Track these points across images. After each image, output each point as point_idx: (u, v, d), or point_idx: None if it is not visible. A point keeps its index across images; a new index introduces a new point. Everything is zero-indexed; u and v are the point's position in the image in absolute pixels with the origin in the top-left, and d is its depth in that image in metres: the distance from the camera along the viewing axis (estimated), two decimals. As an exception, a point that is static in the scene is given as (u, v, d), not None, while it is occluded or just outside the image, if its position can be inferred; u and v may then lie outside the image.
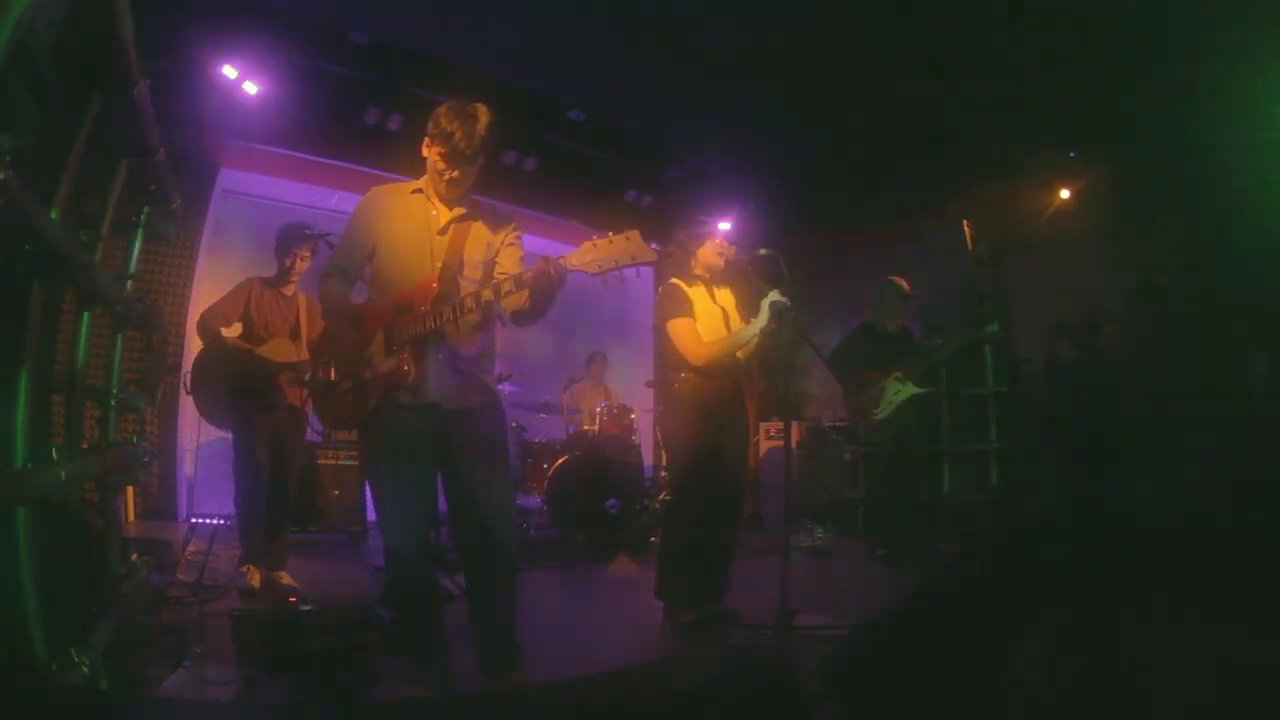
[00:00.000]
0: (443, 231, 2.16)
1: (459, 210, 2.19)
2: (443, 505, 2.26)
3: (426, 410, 2.08)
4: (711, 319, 3.11)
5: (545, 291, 1.94)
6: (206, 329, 3.48)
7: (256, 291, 3.55)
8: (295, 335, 3.55)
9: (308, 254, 3.54)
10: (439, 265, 2.10)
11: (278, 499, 3.47)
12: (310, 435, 3.73)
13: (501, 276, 2.08)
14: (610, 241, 1.83)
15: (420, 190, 2.21)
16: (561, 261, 1.89)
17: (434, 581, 2.25)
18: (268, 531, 3.43)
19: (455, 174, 2.11)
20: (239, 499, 3.48)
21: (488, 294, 1.97)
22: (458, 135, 2.03)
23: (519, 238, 2.27)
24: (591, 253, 1.85)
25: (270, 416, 3.44)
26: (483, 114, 2.07)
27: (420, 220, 2.17)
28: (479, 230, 2.19)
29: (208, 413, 3.55)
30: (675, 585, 3.08)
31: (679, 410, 3.12)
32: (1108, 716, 1.86)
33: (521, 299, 2.00)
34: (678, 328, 3.03)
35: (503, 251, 2.21)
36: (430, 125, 2.11)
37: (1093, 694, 1.95)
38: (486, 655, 2.15)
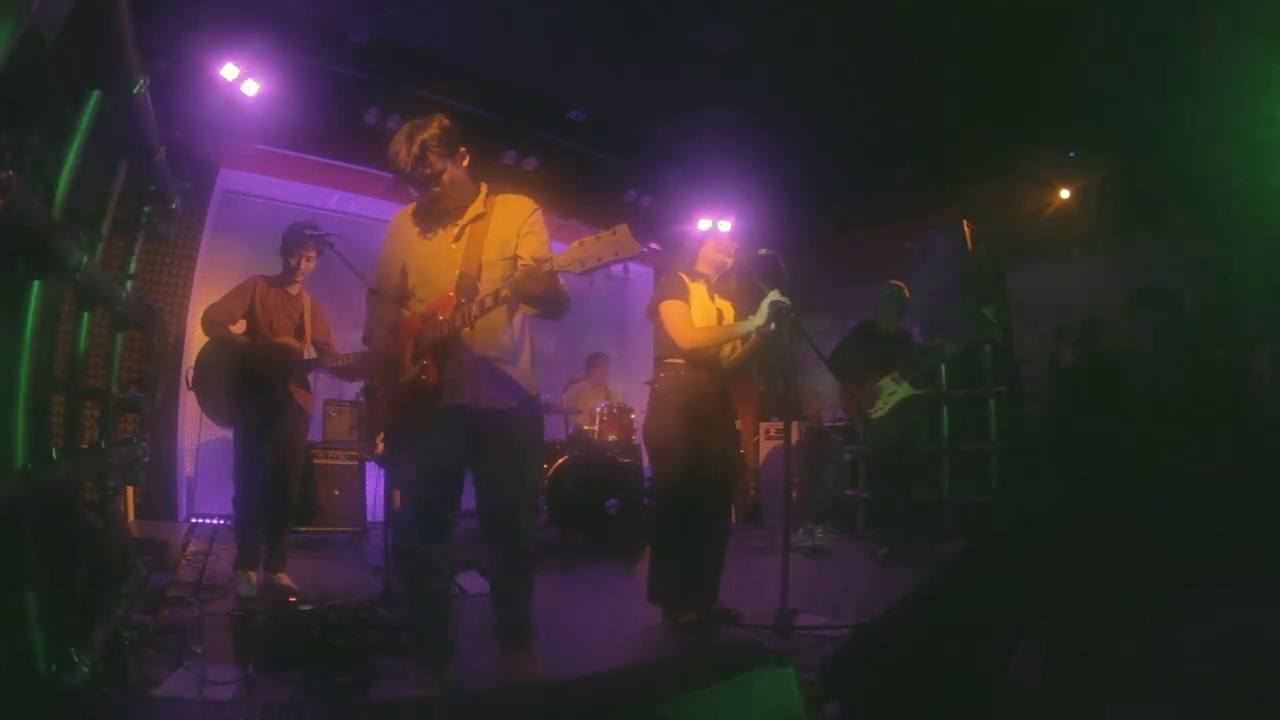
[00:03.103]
0: (458, 237, 2.20)
1: (473, 212, 2.22)
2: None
3: (454, 413, 2.13)
4: (706, 316, 3.09)
5: (531, 296, 1.95)
6: (213, 325, 3.44)
7: (261, 290, 3.52)
8: (300, 335, 3.54)
9: (314, 254, 3.51)
10: (457, 273, 2.15)
11: (279, 500, 3.44)
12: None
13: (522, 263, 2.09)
14: (597, 239, 1.79)
15: (421, 205, 2.26)
16: (549, 264, 1.88)
17: (447, 583, 2.27)
18: (268, 533, 3.41)
19: (421, 194, 2.17)
20: (238, 500, 3.44)
21: (490, 301, 2.00)
22: (400, 158, 2.08)
23: (538, 222, 2.25)
24: (578, 251, 1.82)
25: (279, 417, 3.42)
26: (419, 131, 2.07)
27: (435, 232, 2.23)
28: (496, 227, 2.21)
29: (211, 410, 3.50)
30: (667, 588, 3.06)
31: (660, 410, 3.07)
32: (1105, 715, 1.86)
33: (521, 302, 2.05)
34: (670, 309, 3.00)
35: (521, 243, 2.21)
36: None
37: (1091, 694, 1.95)
38: (502, 629, 2.26)
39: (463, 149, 2.17)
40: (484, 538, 2.30)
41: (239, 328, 3.50)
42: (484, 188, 2.28)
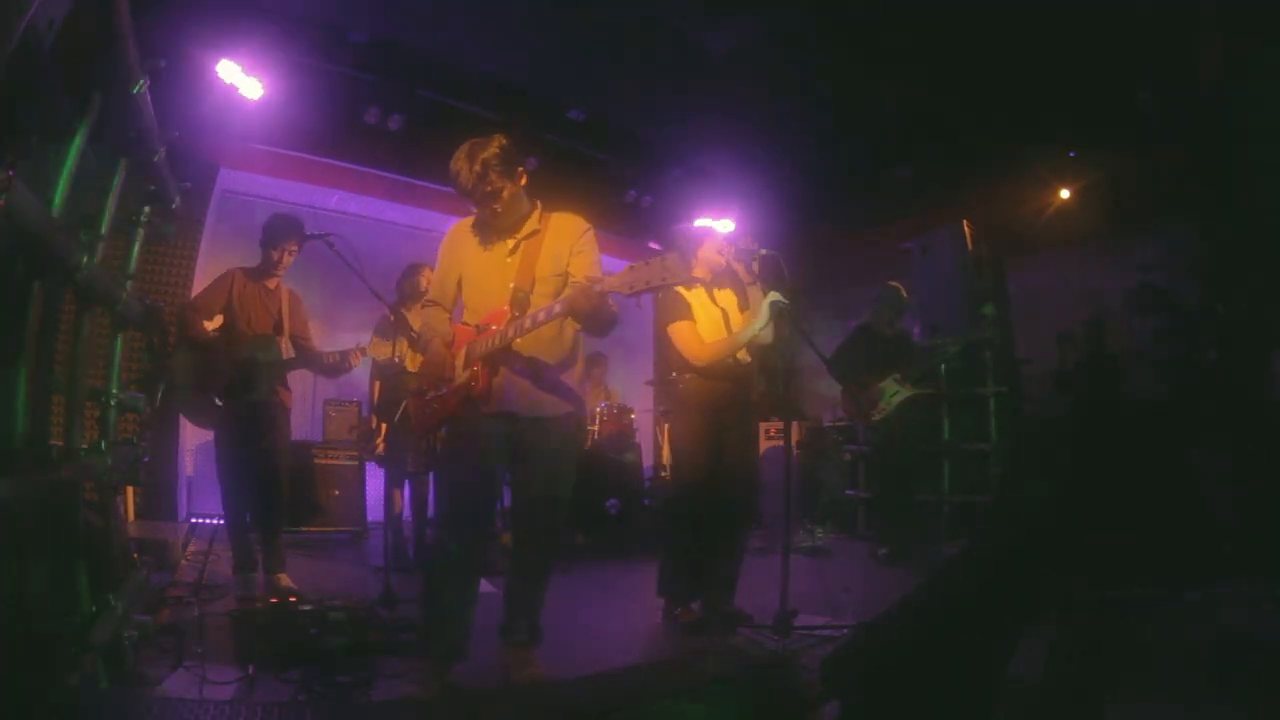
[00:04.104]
0: (513, 252, 2.29)
1: (528, 228, 2.30)
2: None
3: (501, 419, 2.22)
4: (711, 321, 3.11)
5: (581, 314, 2.06)
6: (187, 321, 3.34)
7: (239, 284, 3.44)
8: (279, 330, 3.46)
9: (295, 248, 3.43)
10: (510, 287, 2.23)
11: (272, 501, 3.39)
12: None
13: (574, 282, 2.21)
14: (646, 264, 1.92)
15: (481, 221, 2.35)
16: (600, 285, 1.99)
17: (475, 583, 2.30)
18: (264, 534, 3.37)
19: (479, 210, 2.26)
20: (226, 504, 3.38)
21: (542, 316, 2.10)
22: (462, 176, 2.17)
23: (590, 242, 2.33)
24: (628, 275, 1.94)
25: (261, 417, 3.35)
26: (480, 150, 2.16)
27: (491, 247, 2.31)
28: (550, 244, 2.29)
29: (190, 413, 3.42)
30: (676, 584, 3.08)
31: (682, 410, 3.15)
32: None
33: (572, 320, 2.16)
34: (679, 331, 3.05)
35: (573, 260, 2.28)
36: None
37: (1091, 694, 1.95)
38: (510, 625, 2.31)
39: (520, 168, 2.26)
40: (513, 530, 2.40)
41: (215, 323, 3.41)
42: (538, 205, 2.36)
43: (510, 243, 2.29)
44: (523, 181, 2.29)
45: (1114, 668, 2.19)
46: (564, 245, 2.29)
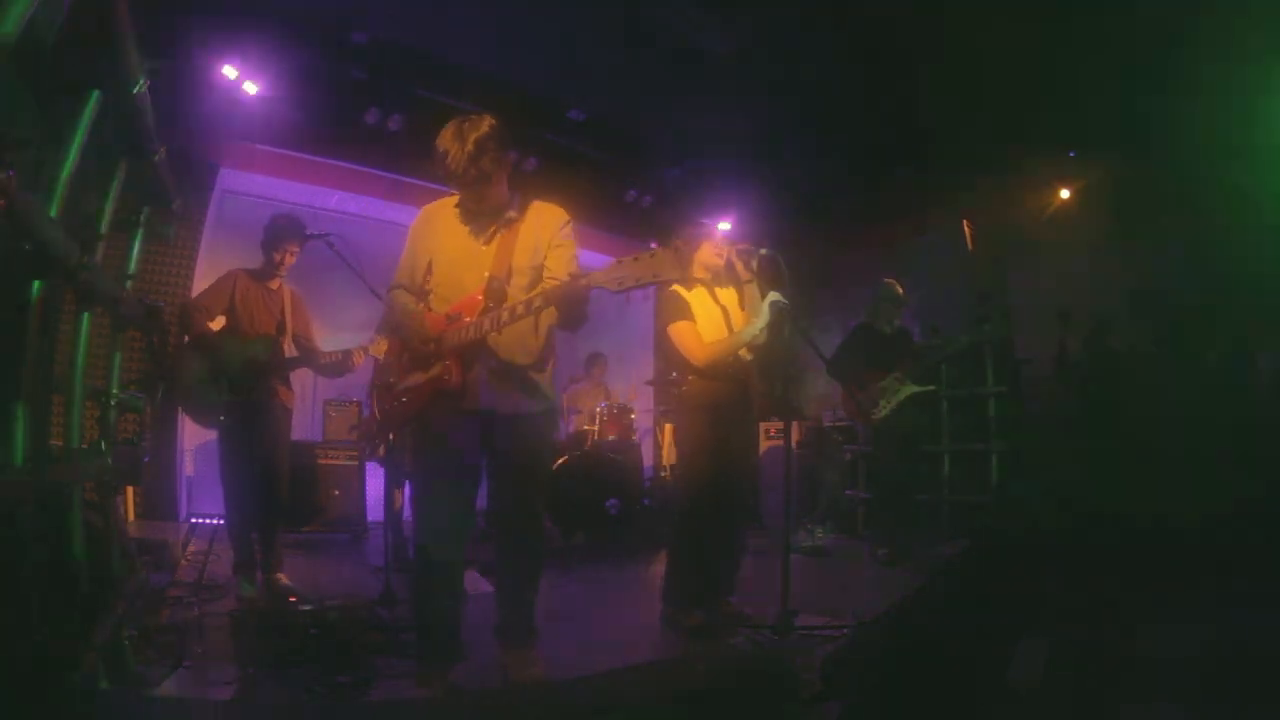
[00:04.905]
0: (488, 241, 2.21)
1: (505, 216, 2.21)
2: None
3: (475, 415, 2.15)
4: (712, 320, 3.11)
5: (568, 308, 2.00)
6: (190, 321, 3.34)
7: (242, 284, 3.44)
8: (281, 330, 3.46)
9: (297, 249, 3.44)
10: (486, 276, 2.14)
11: (271, 500, 3.38)
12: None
13: (550, 280, 2.14)
14: (635, 260, 1.82)
15: (462, 204, 2.26)
16: (586, 280, 1.92)
17: (460, 583, 2.27)
18: (262, 534, 3.37)
19: (462, 194, 2.17)
20: (228, 503, 3.38)
21: (521, 309, 2.01)
22: (450, 156, 2.06)
23: (568, 237, 2.26)
24: (616, 271, 1.85)
25: (262, 416, 3.35)
26: (472, 130, 2.06)
27: (467, 232, 2.22)
28: (527, 234, 2.21)
29: (192, 412, 3.42)
30: (682, 587, 3.08)
31: (687, 413, 3.14)
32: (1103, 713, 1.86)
33: (553, 313, 2.09)
34: (679, 331, 3.04)
35: (550, 254, 2.21)
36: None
37: (1091, 694, 1.95)
38: (505, 626, 2.27)
39: (510, 151, 2.19)
40: (495, 535, 2.35)
41: (218, 324, 3.41)
42: (517, 192, 2.28)
43: (487, 230, 2.21)
44: (509, 166, 2.20)
45: (1114, 668, 2.19)
46: (543, 236, 2.21)
